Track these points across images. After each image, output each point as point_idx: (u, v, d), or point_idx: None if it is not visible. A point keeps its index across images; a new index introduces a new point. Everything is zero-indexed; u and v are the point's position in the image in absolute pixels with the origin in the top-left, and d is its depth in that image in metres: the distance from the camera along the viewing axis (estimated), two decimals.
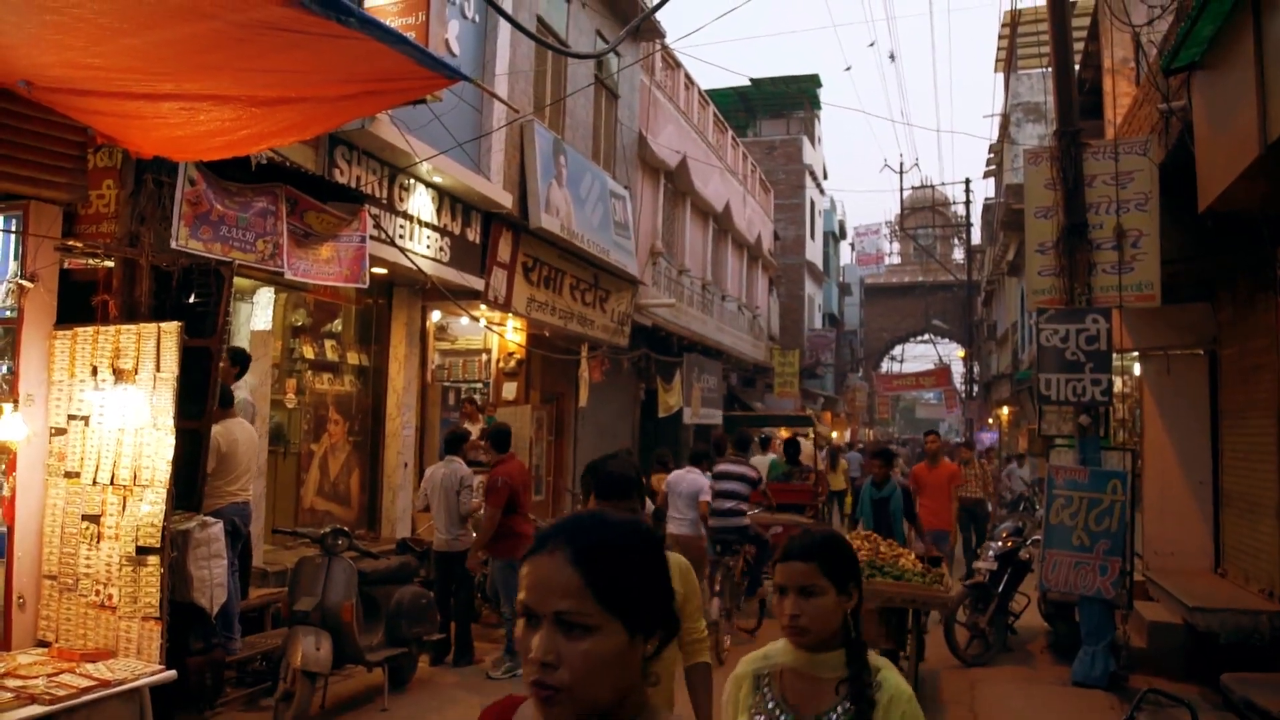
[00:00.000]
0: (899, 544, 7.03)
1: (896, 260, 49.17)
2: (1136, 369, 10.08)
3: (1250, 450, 7.85)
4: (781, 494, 10.78)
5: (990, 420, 32.63)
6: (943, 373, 37.66)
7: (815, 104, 33.17)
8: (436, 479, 7.67)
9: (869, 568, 6.06)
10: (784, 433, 15.92)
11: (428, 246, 9.25)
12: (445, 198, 9.59)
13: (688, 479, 8.57)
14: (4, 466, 5.14)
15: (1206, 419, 8.80)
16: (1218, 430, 8.70)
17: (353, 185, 7.87)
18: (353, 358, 9.50)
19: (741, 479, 8.63)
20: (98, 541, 5.02)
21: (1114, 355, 7.72)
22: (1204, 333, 8.77)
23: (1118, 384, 9.44)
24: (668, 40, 16.36)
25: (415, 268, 8.53)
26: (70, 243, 5.34)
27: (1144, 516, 8.90)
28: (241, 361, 6.83)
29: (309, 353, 8.90)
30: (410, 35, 6.63)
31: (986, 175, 29.96)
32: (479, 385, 11.56)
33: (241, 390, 6.78)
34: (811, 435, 14.76)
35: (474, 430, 10.27)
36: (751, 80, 28.70)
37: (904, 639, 6.43)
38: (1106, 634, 7.19)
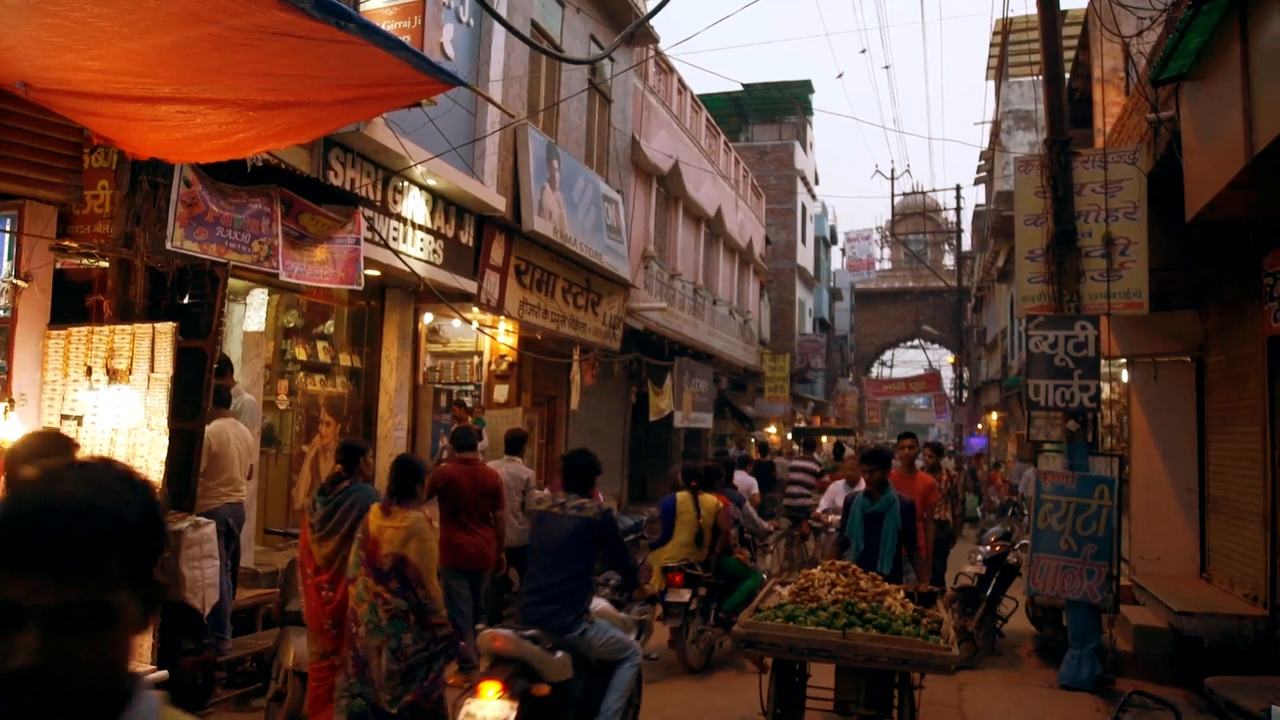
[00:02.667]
0: (888, 575, 5.70)
1: (887, 266, 49.34)
2: (1124, 376, 10.16)
3: (1236, 457, 7.93)
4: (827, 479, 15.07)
5: (979, 426, 32.76)
6: (932, 378, 37.82)
7: (807, 110, 33.30)
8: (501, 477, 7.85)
9: (845, 613, 4.69)
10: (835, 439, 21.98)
11: (421, 249, 9.27)
12: (439, 200, 9.61)
13: (746, 480, 11.07)
14: None
15: (1193, 426, 8.88)
16: (1204, 437, 8.78)
17: (347, 188, 7.89)
18: (345, 359, 9.51)
19: (806, 470, 12.30)
20: None
21: (1102, 362, 7.78)
22: (1191, 340, 8.85)
23: (1105, 390, 9.50)
24: (661, 46, 16.42)
25: (408, 270, 8.55)
26: (65, 243, 5.35)
27: (1131, 522, 8.97)
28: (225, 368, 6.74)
29: (301, 354, 8.91)
30: (406, 39, 6.66)
31: (977, 182, 30.15)
32: (470, 388, 11.57)
33: (246, 394, 6.81)
34: (853, 439, 22.26)
35: None
36: (744, 86, 28.82)
37: (888, 707, 4.83)
38: (1093, 637, 7.25)
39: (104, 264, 5.49)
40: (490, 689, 4.28)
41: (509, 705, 4.25)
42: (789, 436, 26.58)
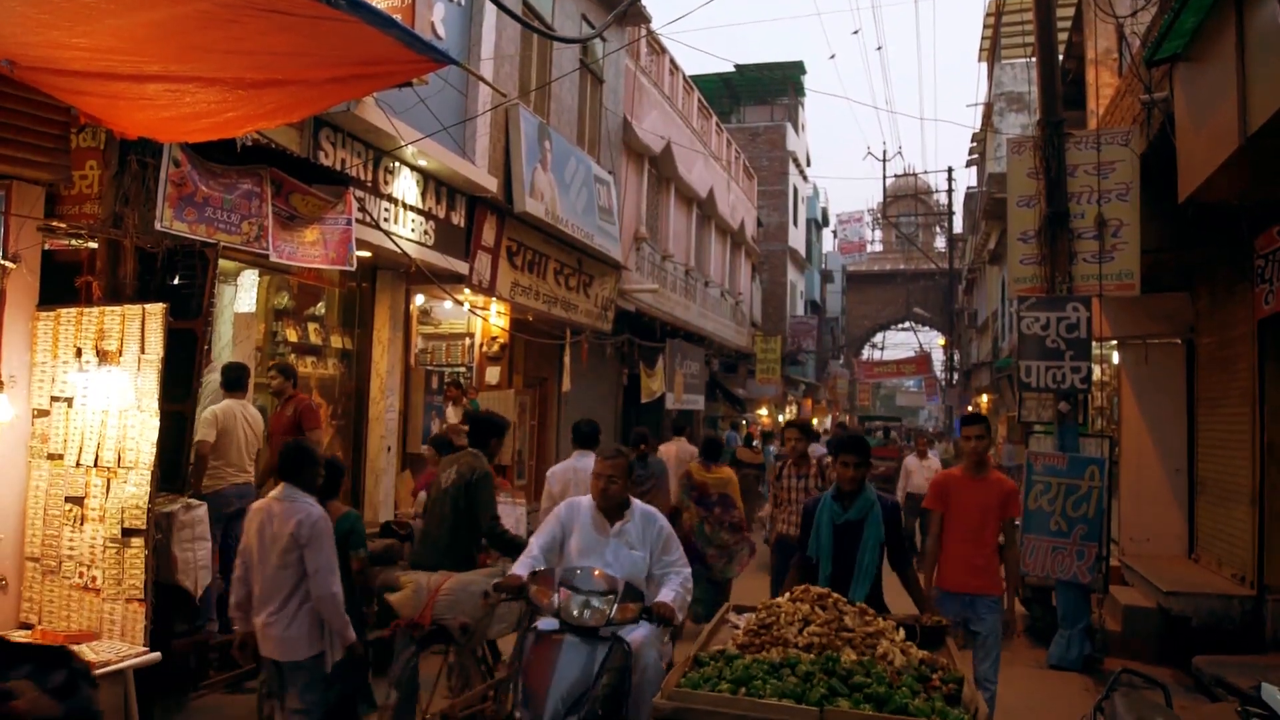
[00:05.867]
0: (875, 608, 4.12)
1: (879, 248, 49.34)
2: (1115, 357, 10.20)
3: (1225, 438, 7.97)
4: (879, 451, 16.35)
5: (970, 408, 32.87)
6: (923, 360, 37.93)
7: (799, 91, 33.18)
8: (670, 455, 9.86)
9: (824, 675, 3.28)
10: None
11: (412, 230, 9.22)
12: (430, 181, 9.55)
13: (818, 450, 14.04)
14: None
15: (1183, 407, 8.92)
16: (1193, 418, 8.83)
17: (338, 168, 7.83)
18: (336, 341, 9.47)
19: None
20: (81, 524, 5.01)
21: (1093, 343, 7.81)
22: (1182, 322, 8.88)
23: (1096, 372, 9.55)
24: (653, 25, 16.32)
25: (400, 251, 8.51)
26: (53, 223, 5.30)
27: (1120, 503, 9.03)
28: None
29: (292, 336, 8.86)
30: (396, 17, 6.59)
31: (969, 164, 30.11)
32: (462, 369, 11.54)
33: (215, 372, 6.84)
34: (900, 426, 26.67)
35: (455, 415, 10.25)
36: (736, 66, 28.67)
37: None
38: (1082, 618, 7.31)
39: (93, 245, 5.44)
40: None
41: None
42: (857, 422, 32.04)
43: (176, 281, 5.50)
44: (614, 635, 3.75)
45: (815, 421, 32.48)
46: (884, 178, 35.00)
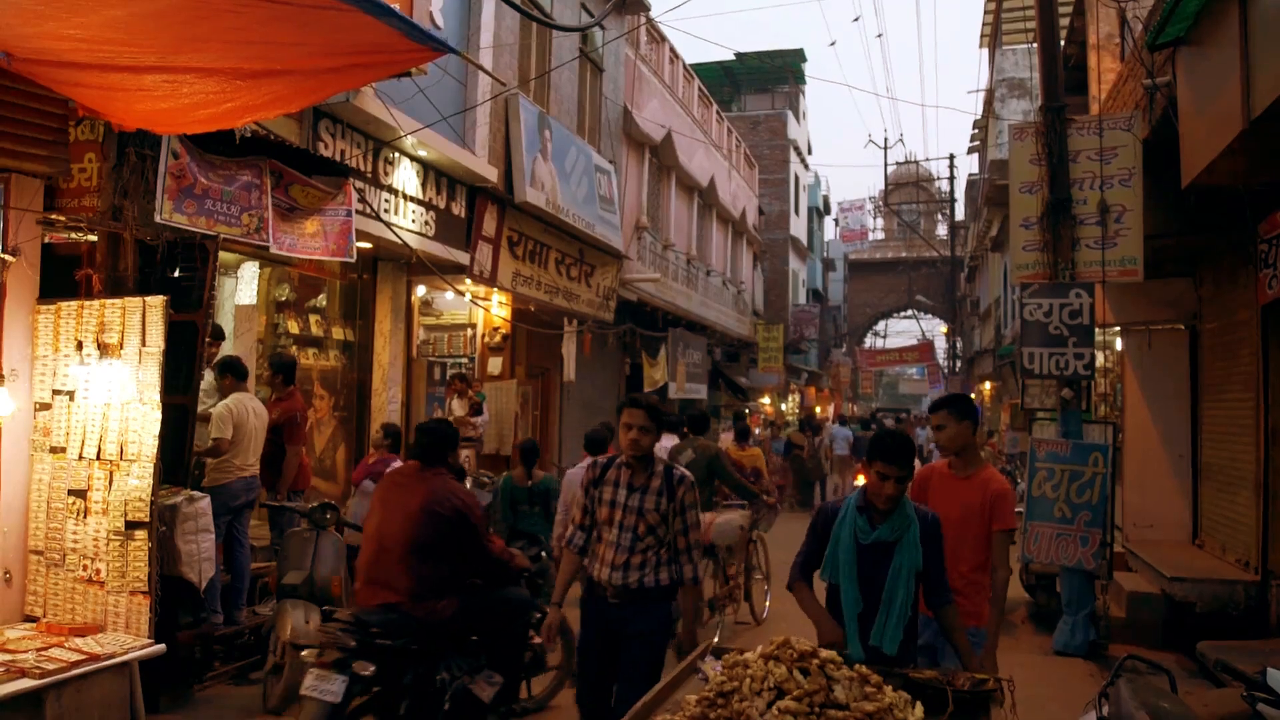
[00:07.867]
0: (895, 656, 3.43)
1: (880, 236, 49.22)
2: (1118, 343, 10.18)
3: (1229, 424, 7.95)
4: None
5: (973, 395, 32.86)
6: (925, 348, 37.87)
7: (800, 79, 33.04)
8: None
9: None
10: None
11: (413, 221, 9.20)
12: (430, 172, 9.53)
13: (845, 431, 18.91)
14: None
15: (1186, 393, 8.90)
16: (1197, 404, 8.81)
17: (337, 159, 7.81)
18: (337, 333, 9.46)
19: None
20: (85, 516, 5.01)
21: (1096, 330, 7.79)
22: (1185, 308, 8.86)
23: (1100, 358, 9.52)
24: (653, 14, 16.25)
25: (400, 242, 8.49)
26: (53, 216, 5.29)
27: (1124, 489, 9.01)
28: (219, 337, 6.82)
29: (293, 328, 8.86)
30: (395, 7, 6.56)
31: (971, 151, 30.03)
32: (464, 360, 11.54)
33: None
34: (909, 416, 28.63)
35: (461, 407, 10.25)
36: (736, 55, 28.57)
37: None
38: (1087, 604, 7.30)
39: (92, 238, 5.43)
40: None
41: None
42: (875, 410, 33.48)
43: (177, 274, 5.50)
44: None
45: (818, 410, 32.46)
46: (885, 165, 34.86)
